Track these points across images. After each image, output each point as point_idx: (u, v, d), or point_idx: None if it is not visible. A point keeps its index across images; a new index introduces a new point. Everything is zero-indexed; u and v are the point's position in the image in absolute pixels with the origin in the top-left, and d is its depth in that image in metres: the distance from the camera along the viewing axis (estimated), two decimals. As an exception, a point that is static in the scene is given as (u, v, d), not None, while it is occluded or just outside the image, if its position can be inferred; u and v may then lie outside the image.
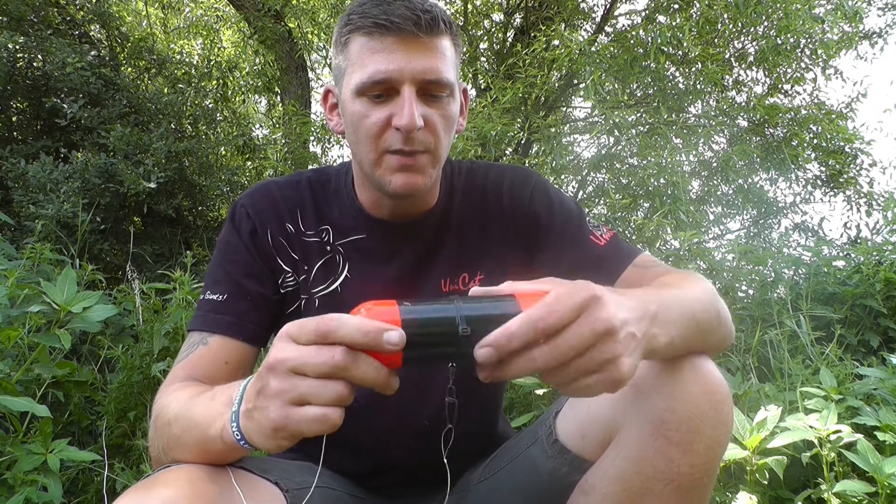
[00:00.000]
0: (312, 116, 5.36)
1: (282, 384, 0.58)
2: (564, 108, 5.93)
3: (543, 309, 0.58)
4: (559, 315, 0.58)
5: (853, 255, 2.91)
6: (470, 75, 5.49)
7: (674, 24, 4.12)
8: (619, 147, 4.85)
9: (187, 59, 5.69)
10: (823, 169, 5.08)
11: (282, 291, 0.98)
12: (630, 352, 0.61)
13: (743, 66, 4.84)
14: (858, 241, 3.75)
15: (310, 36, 6.00)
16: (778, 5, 3.99)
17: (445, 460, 0.71)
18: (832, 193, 5.12)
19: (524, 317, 0.58)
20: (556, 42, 4.16)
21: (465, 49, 5.20)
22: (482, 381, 1.05)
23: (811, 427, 1.38)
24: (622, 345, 0.59)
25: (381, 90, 0.85)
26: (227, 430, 0.65)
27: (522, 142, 5.01)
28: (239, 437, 0.64)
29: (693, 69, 4.31)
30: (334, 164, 1.06)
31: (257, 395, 0.60)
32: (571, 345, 0.58)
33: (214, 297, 0.93)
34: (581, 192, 5.18)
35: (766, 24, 4.31)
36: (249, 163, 5.39)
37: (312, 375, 0.57)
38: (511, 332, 0.57)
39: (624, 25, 5.58)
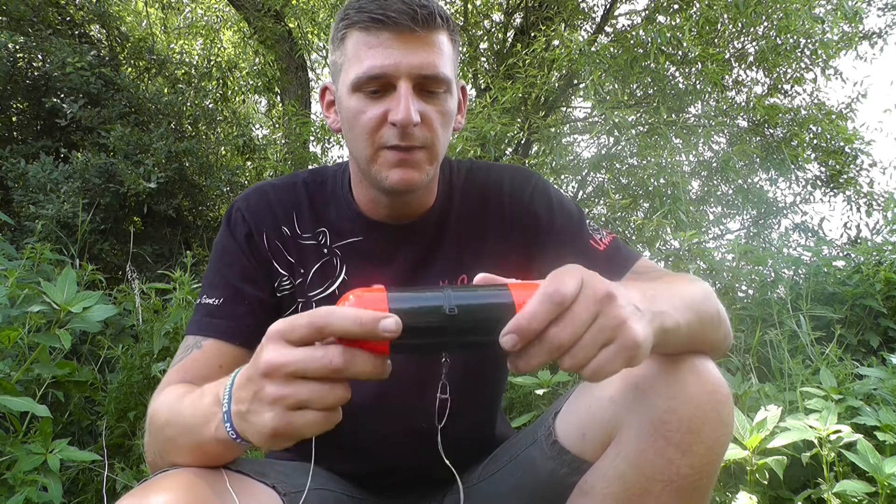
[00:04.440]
0: (312, 116, 5.35)
1: (280, 390, 0.56)
2: (564, 108, 5.92)
3: (552, 283, 0.58)
4: (568, 285, 0.58)
5: (853, 255, 2.91)
6: (470, 75, 5.49)
7: (674, 24, 4.12)
8: (619, 147, 4.85)
9: (187, 59, 5.69)
10: (823, 169, 5.09)
11: (278, 295, 0.97)
12: (637, 318, 0.60)
13: (743, 66, 4.84)
14: (858, 241, 3.76)
15: (310, 36, 5.99)
16: (778, 5, 3.99)
17: (443, 454, 0.71)
18: (832, 193, 5.12)
19: (540, 294, 0.58)
20: (556, 42, 4.16)
21: (465, 49, 5.19)
22: (482, 381, 1.05)
23: (811, 427, 1.38)
24: (625, 309, 0.59)
25: (378, 85, 0.84)
26: (221, 430, 0.64)
27: (522, 142, 5.01)
28: (234, 437, 0.63)
29: (693, 69, 4.31)
30: (331, 165, 1.06)
31: (252, 399, 0.59)
32: (581, 316, 0.57)
33: (210, 300, 0.92)
34: (581, 192, 5.18)
35: (766, 24, 4.31)
36: (249, 163, 5.39)
37: (311, 378, 0.56)
38: (531, 313, 0.57)
39: (624, 25, 5.58)
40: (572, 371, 0.58)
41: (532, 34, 4.72)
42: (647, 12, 5.11)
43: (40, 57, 4.27)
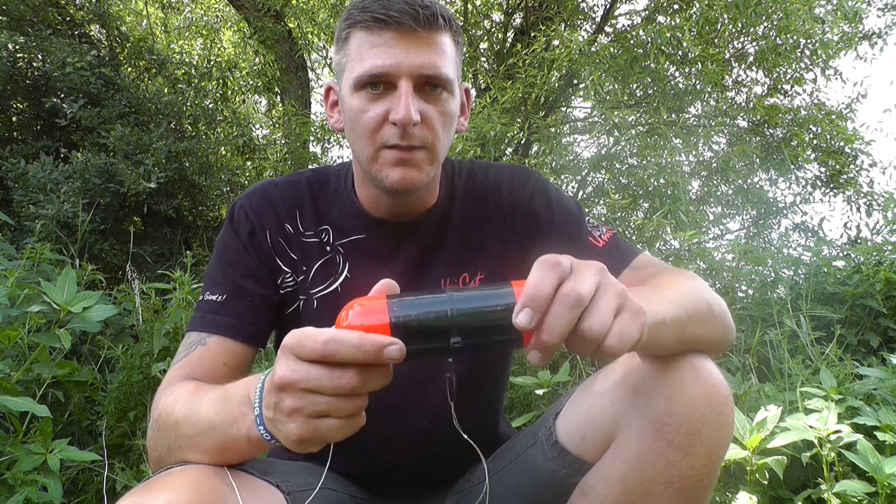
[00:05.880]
0: (312, 117, 5.35)
1: (297, 402, 0.58)
2: (564, 108, 5.92)
3: (545, 258, 0.58)
4: (560, 257, 0.58)
5: (853, 255, 2.91)
6: (470, 75, 5.49)
7: (674, 24, 4.12)
8: (619, 147, 4.85)
9: (187, 60, 5.69)
10: (823, 169, 5.09)
11: (281, 292, 0.97)
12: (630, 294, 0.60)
13: (743, 66, 4.85)
14: (858, 241, 3.76)
15: (310, 36, 5.99)
16: (778, 5, 3.99)
17: (458, 427, 0.71)
18: (832, 194, 5.13)
19: (536, 266, 0.58)
20: (556, 42, 4.16)
21: (465, 49, 5.19)
22: (483, 375, 1.05)
23: (811, 427, 1.38)
24: (619, 284, 0.59)
25: (379, 84, 0.85)
26: (253, 431, 0.66)
27: (522, 142, 5.01)
28: (269, 438, 0.65)
29: (693, 69, 4.31)
30: (334, 165, 1.06)
31: (275, 409, 0.60)
32: (586, 275, 0.57)
33: (213, 297, 0.93)
34: (581, 192, 5.18)
35: (766, 24, 4.32)
36: (249, 163, 5.40)
37: (329, 395, 0.58)
38: (535, 280, 0.56)
39: (624, 26, 5.59)
40: (593, 344, 0.56)
41: (532, 34, 4.72)
42: (647, 12, 5.11)
43: (40, 57, 4.27)
